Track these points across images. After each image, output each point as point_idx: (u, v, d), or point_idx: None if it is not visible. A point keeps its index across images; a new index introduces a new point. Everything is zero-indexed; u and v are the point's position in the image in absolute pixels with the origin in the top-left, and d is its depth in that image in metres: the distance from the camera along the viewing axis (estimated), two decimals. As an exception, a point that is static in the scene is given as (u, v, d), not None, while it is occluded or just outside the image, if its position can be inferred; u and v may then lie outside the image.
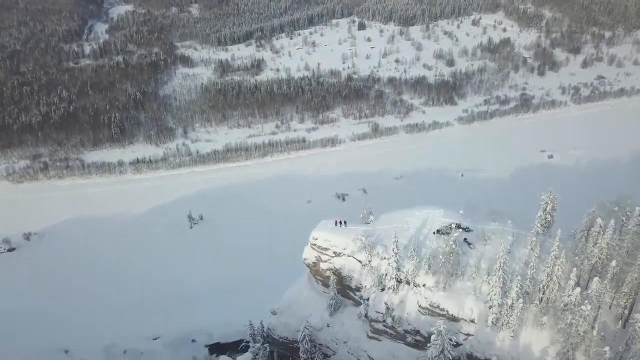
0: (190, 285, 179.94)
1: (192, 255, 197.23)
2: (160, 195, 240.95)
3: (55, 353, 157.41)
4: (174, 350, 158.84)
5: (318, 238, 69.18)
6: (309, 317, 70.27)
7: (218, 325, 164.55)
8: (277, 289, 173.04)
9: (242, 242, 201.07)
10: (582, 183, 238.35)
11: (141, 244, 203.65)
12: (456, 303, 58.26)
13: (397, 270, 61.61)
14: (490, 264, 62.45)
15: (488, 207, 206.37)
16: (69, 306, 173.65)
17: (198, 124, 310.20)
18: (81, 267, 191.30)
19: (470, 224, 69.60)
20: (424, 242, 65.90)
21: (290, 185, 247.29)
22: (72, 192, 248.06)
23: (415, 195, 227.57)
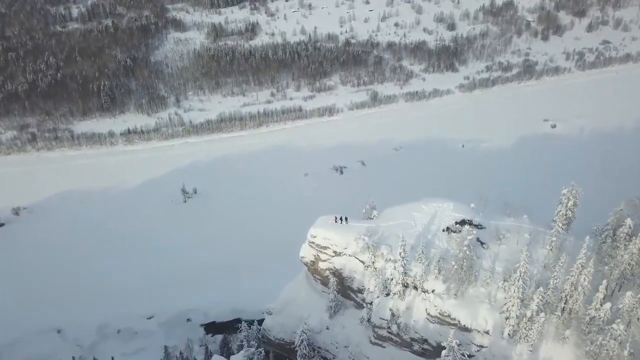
0: (185, 263, 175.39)
1: (186, 231, 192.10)
2: (152, 167, 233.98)
3: (48, 333, 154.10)
4: (168, 330, 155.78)
5: (317, 236, 63.43)
6: (307, 318, 65.32)
7: (213, 305, 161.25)
8: (272, 269, 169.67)
9: (237, 218, 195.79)
10: (586, 154, 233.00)
11: (134, 220, 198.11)
12: (469, 312, 53.13)
13: (404, 275, 56.17)
14: (505, 267, 57.01)
15: (494, 190, 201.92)
16: (61, 284, 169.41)
17: (191, 92, 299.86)
18: (72, 244, 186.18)
19: (482, 220, 63.75)
20: (432, 242, 60.26)
21: (286, 157, 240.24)
22: (62, 164, 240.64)
23: (415, 168, 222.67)
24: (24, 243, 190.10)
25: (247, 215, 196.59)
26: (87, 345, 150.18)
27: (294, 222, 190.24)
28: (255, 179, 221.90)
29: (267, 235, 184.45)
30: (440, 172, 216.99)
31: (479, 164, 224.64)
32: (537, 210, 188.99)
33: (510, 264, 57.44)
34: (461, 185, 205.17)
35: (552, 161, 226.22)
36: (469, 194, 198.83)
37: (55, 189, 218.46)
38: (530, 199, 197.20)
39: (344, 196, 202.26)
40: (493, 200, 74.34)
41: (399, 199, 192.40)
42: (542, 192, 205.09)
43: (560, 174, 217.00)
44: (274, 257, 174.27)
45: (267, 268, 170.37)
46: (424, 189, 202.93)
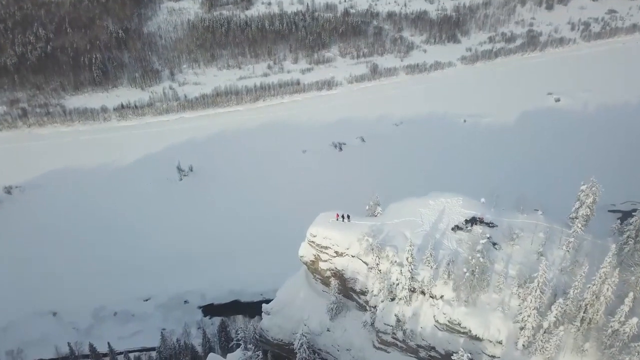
0: (182, 243, 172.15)
1: (182, 211, 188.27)
2: (147, 144, 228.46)
3: (43, 316, 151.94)
4: (166, 312, 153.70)
5: (317, 235, 59.32)
6: (306, 319, 61.86)
7: (211, 286, 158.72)
8: (270, 250, 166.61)
9: (233, 198, 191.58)
10: (591, 130, 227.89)
11: (129, 199, 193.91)
12: (480, 321, 49.56)
13: (411, 280, 52.37)
14: (520, 271, 53.11)
15: (496, 170, 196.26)
16: (55, 265, 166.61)
17: (185, 65, 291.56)
18: (66, 224, 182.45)
19: (493, 216, 59.57)
20: (441, 242, 56.24)
21: (284, 133, 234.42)
22: (54, 140, 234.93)
23: (416, 145, 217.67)
24: (17, 223, 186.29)
25: (244, 195, 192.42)
26: (83, 329, 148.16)
27: (292, 202, 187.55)
28: (252, 156, 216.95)
29: (265, 215, 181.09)
30: (442, 150, 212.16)
31: (481, 141, 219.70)
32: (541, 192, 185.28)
33: (525, 267, 53.57)
34: (463, 165, 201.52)
35: (555, 138, 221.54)
36: (471, 175, 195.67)
37: (48, 167, 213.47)
38: (533, 179, 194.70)
39: (344, 175, 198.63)
40: (503, 194, 70.13)
41: (400, 179, 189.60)
42: (545, 171, 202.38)
43: (563, 151, 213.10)
44: (272, 238, 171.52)
45: (265, 249, 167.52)
46: (425, 169, 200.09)
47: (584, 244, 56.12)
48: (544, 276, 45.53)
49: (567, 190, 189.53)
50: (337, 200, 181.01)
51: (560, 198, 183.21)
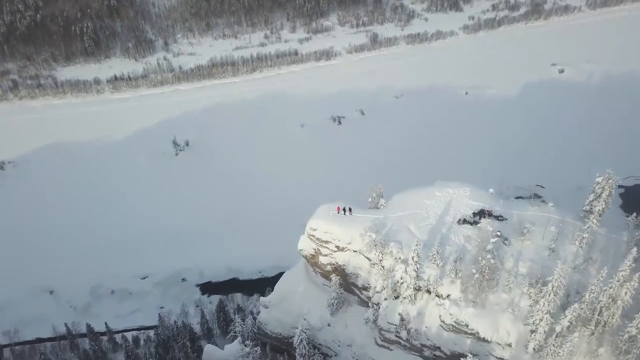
0: (178, 220, 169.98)
1: (178, 187, 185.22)
2: (142, 117, 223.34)
3: (40, 294, 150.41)
4: (163, 290, 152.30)
5: (317, 229, 56.33)
6: (306, 314, 59.60)
7: (209, 264, 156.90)
8: (268, 227, 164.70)
9: (230, 174, 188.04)
10: (595, 102, 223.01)
11: (125, 175, 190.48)
12: (489, 323, 47.20)
13: (416, 279, 49.76)
14: (530, 268, 50.53)
15: (499, 147, 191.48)
16: (51, 243, 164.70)
17: (180, 34, 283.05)
18: (61, 201, 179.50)
19: (502, 208, 56.54)
20: (447, 237, 53.40)
21: (281, 105, 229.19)
22: (47, 114, 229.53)
23: (417, 118, 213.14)
24: (11, 199, 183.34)
25: (241, 171, 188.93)
26: (80, 307, 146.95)
27: (290, 178, 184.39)
28: (249, 130, 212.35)
29: (262, 191, 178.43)
30: (443, 124, 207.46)
31: (483, 115, 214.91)
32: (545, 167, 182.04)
33: (536, 265, 50.97)
34: (465, 140, 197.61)
35: (559, 111, 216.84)
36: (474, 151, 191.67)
37: (41, 141, 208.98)
38: (537, 154, 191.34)
39: (343, 150, 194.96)
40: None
41: (401, 156, 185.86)
42: (549, 145, 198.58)
43: (567, 124, 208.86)
44: (270, 215, 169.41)
45: (263, 226, 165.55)
46: (427, 144, 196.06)
47: (598, 238, 53.25)
48: (560, 280, 42.84)
49: (571, 164, 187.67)
50: (337, 177, 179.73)
51: (564, 173, 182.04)
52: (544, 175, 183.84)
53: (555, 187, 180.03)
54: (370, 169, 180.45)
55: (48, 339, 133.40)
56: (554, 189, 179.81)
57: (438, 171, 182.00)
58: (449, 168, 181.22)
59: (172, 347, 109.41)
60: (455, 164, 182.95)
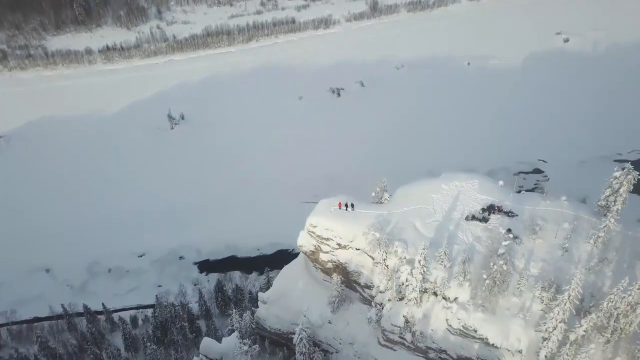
0: (175, 196, 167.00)
1: (174, 162, 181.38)
2: (135, 89, 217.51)
3: (36, 272, 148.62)
4: (161, 268, 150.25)
5: (317, 226, 53.38)
6: (306, 311, 57.36)
7: (206, 241, 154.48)
8: (265, 203, 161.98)
9: (227, 148, 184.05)
10: (599, 72, 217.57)
11: (119, 150, 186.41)
12: (499, 329, 44.90)
13: (422, 282, 47.20)
14: (542, 269, 47.91)
15: (503, 123, 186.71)
16: (46, 220, 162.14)
17: (173, 1, 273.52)
18: (55, 177, 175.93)
19: (513, 203, 53.48)
20: (455, 234, 50.57)
21: (278, 77, 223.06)
22: (38, 86, 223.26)
23: (418, 92, 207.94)
24: (3, 175, 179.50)
25: (237, 145, 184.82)
26: (77, 286, 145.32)
27: (288, 153, 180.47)
28: (246, 103, 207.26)
29: (260, 167, 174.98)
30: (445, 96, 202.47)
31: (486, 87, 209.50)
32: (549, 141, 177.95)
33: (548, 265, 48.34)
34: (468, 114, 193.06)
35: (563, 81, 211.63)
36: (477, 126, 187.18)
37: (33, 115, 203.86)
38: (541, 127, 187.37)
39: (343, 125, 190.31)
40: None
41: (402, 133, 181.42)
42: (553, 118, 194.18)
43: (571, 96, 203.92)
44: (268, 191, 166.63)
45: (261, 202, 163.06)
46: (428, 119, 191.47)
47: (613, 236, 50.44)
48: (577, 290, 40.20)
49: (575, 138, 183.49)
50: (336, 153, 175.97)
51: (568, 147, 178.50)
52: (547, 149, 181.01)
53: (558, 161, 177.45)
54: (371, 144, 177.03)
55: (45, 318, 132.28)
56: (557, 163, 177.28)
57: (440, 146, 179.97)
58: (451, 143, 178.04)
59: (170, 330, 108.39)
60: (457, 138, 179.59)
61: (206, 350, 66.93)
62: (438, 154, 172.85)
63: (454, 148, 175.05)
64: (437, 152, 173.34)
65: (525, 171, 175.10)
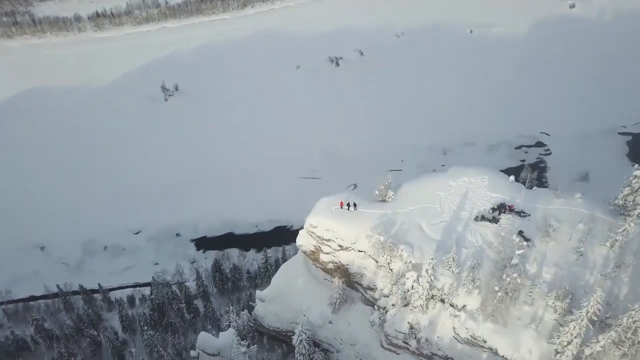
0: (170, 172, 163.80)
1: (169, 135, 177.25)
2: (127, 59, 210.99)
3: (30, 250, 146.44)
4: (157, 245, 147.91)
5: (317, 226, 50.37)
6: (305, 310, 55.13)
7: (203, 218, 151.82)
8: (262, 178, 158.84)
9: (222, 121, 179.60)
10: (605, 40, 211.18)
11: (113, 123, 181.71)
12: (509, 341, 42.66)
13: (429, 289, 44.65)
14: (556, 275, 45.25)
15: (508, 98, 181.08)
16: (38, 196, 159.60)
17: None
18: (47, 152, 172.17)
19: (524, 201, 50.37)
20: (463, 236, 47.73)
21: (275, 45, 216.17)
22: (26, 54, 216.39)
23: (419, 62, 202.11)
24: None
25: (233, 118, 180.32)
26: (73, 264, 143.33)
27: (285, 126, 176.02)
28: (242, 73, 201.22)
29: (257, 140, 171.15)
30: (446, 66, 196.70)
31: (487, 56, 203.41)
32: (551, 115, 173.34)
33: (562, 270, 45.69)
34: (471, 87, 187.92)
35: (568, 50, 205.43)
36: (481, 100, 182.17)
37: (23, 86, 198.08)
38: (543, 100, 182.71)
39: (342, 96, 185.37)
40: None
41: (404, 108, 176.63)
42: (556, 91, 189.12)
43: (576, 65, 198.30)
44: (264, 166, 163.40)
45: (258, 177, 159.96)
46: (428, 88, 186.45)
47: (631, 237, 47.57)
48: (596, 307, 37.60)
49: (579, 110, 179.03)
50: (334, 126, 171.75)
51: (571, 120, 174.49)
52: (550, 122, 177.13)
53: (561, 134, 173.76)
54: (370, 117, 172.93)
55: (41, 297, 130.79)
56: (559, 136, 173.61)
57: (440, 119, 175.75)
58: (452, 115, 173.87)
59: (168, 312, 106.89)
60: (458, 110, 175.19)
61: (203, 345, 65.09)
62: (438, 127, 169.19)
63: (455, 121, 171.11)
64: (438, 125, 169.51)
65: (527, 144, 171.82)
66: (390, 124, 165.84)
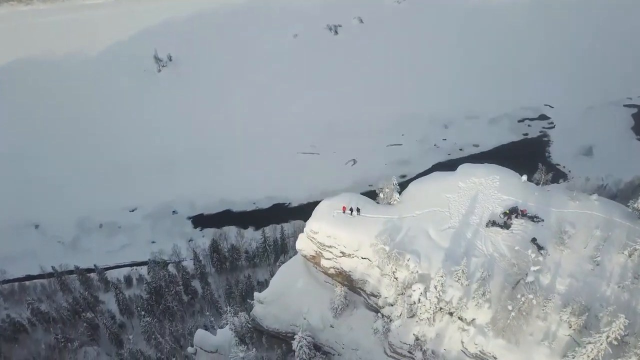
0: (165, 147, 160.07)
1: (163, 108, 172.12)
2: (118, 27, 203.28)
3: (25, 228, 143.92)
4: (154, 223, 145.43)
5: (318, 232, 47.44)
6: (306, 313, 52.99)
7: (200, 195, 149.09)
8: (260, 154, 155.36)
9: (218, 93, 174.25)
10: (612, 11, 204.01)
11: (105, 96, 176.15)
12: (521, 359, 40.58)
13: (437, 303, 42.26)
14: (570, 286, 42.78)
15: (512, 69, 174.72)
16: (30, 173, 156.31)
17: None
18: (38, 127, 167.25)
19: (537, 203, 47.44)
20: (473, 243, 45.01)
21: (271, 12, 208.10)
22: (13, 23, 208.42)
23: (422, 30, 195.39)
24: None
25: (229, 91, 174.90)
26: (68, 242, 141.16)
27: (283, 98, 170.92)
28: (237, 42, 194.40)
29: (254, 113, 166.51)
30: (447, 36, 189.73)
31: (491, 24, 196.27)
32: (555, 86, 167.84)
33: (577, 282, 43.25)
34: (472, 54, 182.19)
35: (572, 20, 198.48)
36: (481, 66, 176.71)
37: (9, 56, 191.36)
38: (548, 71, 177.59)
39: (341, 67, 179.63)
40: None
41: (403, 73, 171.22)
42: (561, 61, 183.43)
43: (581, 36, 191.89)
44: (262, 140, 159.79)
45: (255, 152, 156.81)
46: (429, 58, 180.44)
47: (650, 247, 44.91)
48: (618, 332, 35.23)
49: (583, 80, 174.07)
50: (333, 96, 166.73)
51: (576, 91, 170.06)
52: (553, 94, 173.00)
53: (565, 106, 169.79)
54: (369, 88, 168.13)
55: (37, 277, 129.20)
56: (563, 109, 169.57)
57: (442, 90, 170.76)
58: (454, 87, 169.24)
59: (165, 296, 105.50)
60: (460, 82, 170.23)
61: (201, 342, 63.53)
62: (440, 99, 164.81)
63: (456, 92, 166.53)
64: (439, 97, 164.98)
65: (530, 117, 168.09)
66: (390, 96, 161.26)
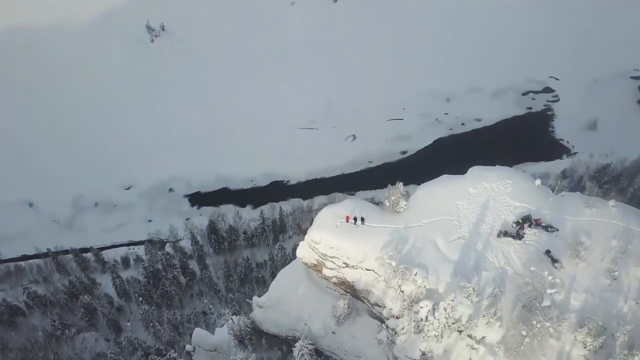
0: (160, 123, 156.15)
1: (157, 82, 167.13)
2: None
3: (18, 207, 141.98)
4: (150, 201, 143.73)
5: (320, 242, 44.87)
6: (307, 319, 51.16)
7: (196, 172, 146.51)
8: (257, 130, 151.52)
9: (213, 65, 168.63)
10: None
11: (96, 69, 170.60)
12: (533, 379, 38.97)
13: (446, 322, 40.22)
14: (586, 303, 40.71)
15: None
16: (22, 150, 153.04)
17: None
18: (27, 103, 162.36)
19: (551, 211, 44.79)
20: (484, 255, 42.62)
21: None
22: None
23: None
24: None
25: (224, 63, 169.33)
26: (63, 221, 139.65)
27: (279, 71, 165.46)
28: (231, 9, 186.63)
29: (249, 87, 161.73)
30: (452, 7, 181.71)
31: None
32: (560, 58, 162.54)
33: (593, 298, 41.12)
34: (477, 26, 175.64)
35: None
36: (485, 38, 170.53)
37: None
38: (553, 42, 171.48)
39: (339, 38, 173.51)
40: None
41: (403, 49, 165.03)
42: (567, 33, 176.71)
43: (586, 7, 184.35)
44: (259, 116, 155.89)
45: (252, 128, 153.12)
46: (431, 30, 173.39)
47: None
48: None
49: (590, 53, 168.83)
50: (332, 70, 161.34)
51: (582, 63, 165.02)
52: (559, 65, 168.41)
53: (571, 78, 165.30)
54: (370, 60, 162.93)
55: (33, 256, 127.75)
56: (568, 81, 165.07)
57: (445, 62, 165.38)
58: (457, 58, 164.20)
59: (162, 281, 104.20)
60: (462, 53, 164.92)
61: (199, 341, 62.24)
62: (442, 72, 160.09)
63: (459, 64, 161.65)
64: (441, 69, 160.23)
65: (534, 90, 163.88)
66: (391, 68, 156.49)
